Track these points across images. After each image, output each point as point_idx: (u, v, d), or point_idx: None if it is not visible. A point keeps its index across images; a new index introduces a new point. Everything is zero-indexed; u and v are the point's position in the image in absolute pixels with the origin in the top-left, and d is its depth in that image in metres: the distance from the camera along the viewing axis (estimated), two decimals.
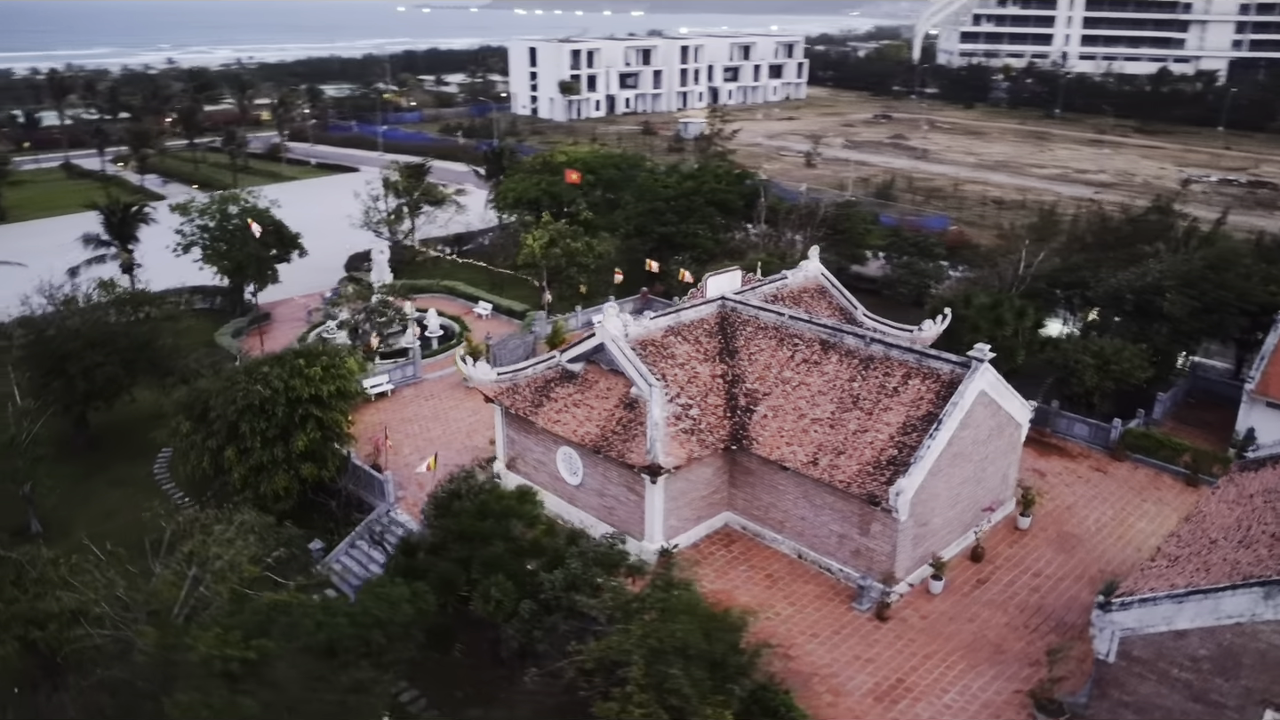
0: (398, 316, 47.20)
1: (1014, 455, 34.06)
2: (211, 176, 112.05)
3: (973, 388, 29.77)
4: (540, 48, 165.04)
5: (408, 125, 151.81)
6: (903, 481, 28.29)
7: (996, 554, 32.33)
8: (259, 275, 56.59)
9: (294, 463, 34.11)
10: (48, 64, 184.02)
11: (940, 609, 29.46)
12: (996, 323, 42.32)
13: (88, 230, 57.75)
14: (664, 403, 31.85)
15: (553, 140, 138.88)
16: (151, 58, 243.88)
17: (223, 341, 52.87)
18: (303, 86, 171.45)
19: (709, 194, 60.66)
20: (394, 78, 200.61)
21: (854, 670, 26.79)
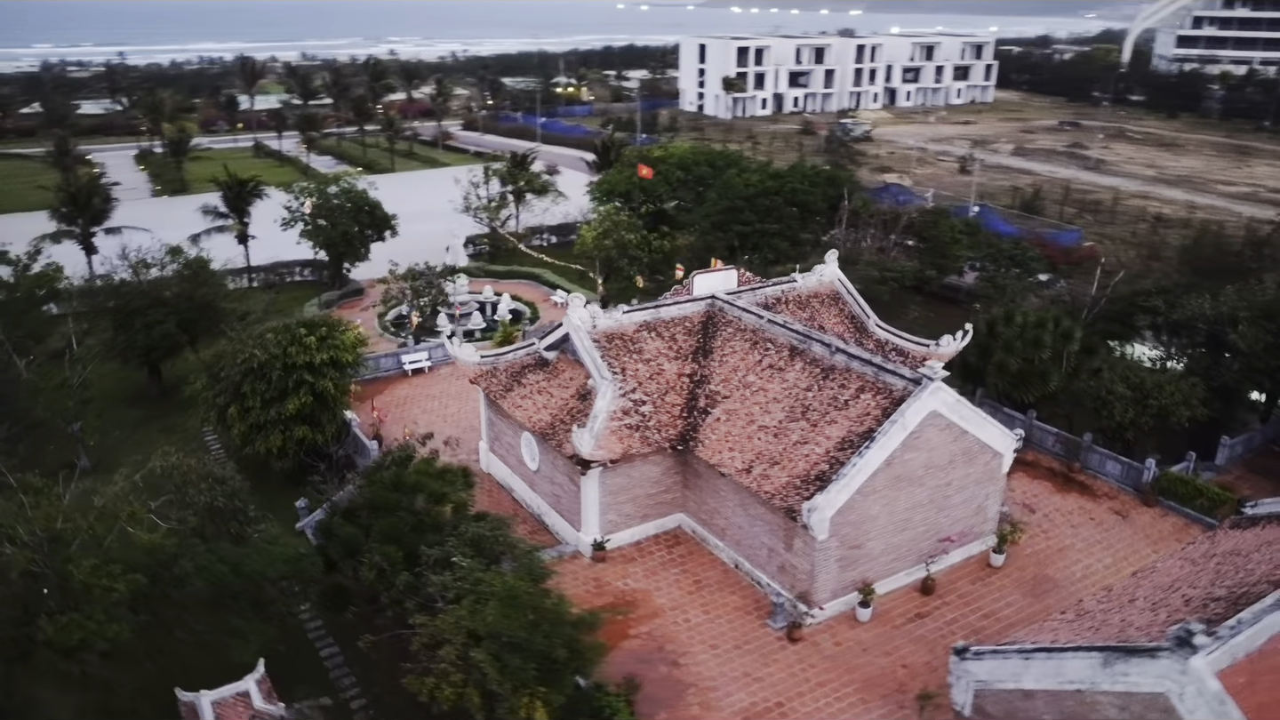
0: (439, 297, 49.05)
1: (993, 486, 31.38)
2: (376, 160, 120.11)
3: (918, 407, 27.74)
4: (709, 44, 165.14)
5: (571, 119, 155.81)
6: (819, 499, 26.82)
7: (953, 589, 29.98)
8: (350, 251, 60.28)
9: (287, 424, 36.37)
10: (280, 53, 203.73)
11: (859, 638, 27.70)
12: (1034, 343, 38.96)
13: (206, 203, 63.40)
14: (613, 396, 31.67)
15: (707, 137, 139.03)
16: (375, 50, 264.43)
17: (308, 312, 56.71)
18: (467, 80, 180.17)
19: (789, 194, 59.01)
20: (574, 73, 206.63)
21: (736, 687, 25.72)
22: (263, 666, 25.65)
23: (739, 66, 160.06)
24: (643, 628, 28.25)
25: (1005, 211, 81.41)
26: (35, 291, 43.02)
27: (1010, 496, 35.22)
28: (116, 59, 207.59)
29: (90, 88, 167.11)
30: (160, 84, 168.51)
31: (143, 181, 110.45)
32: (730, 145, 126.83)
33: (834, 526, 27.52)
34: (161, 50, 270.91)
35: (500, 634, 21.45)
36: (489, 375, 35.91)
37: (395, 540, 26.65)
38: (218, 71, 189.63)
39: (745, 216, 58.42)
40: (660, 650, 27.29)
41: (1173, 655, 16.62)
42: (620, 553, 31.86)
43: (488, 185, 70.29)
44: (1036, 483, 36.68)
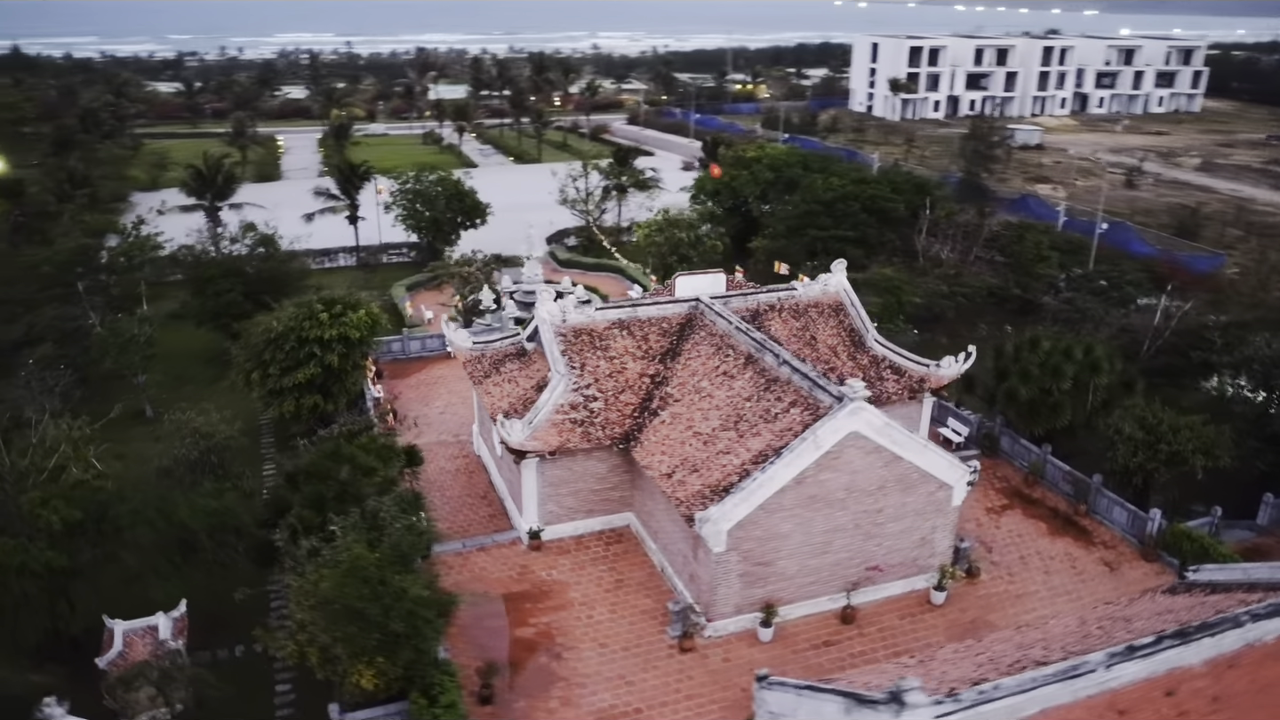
0: (483, 283, 50.89)
1: (941, 519, 29.49)
2: (527, 150, 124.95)
3: (833, 427, 26.59)
4: (881, 43, 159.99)
5: (728, 116, 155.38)
6: (713, 509, 26.31)
7: (877, 622, 28.51)
8: (439, 236, 63.47)
9: (301, 392, 39.20)
10: (490, 46, 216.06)
11: (751, 658, 26.90)
12: (1053, 373, 36.04)
13: (319, 185, 68.49)
14: (563, 390, 32.20)
15: (866, 139, 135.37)
16: (581, 43, 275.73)
17: (394, 293, 60.38)
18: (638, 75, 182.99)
19: (868, 200, 56.93)
20: (753, 70, 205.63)
21: (605, 688, 25.72)
22: (184, 607, 28.19)
23: (911, 67, 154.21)
24: (544, 618, 28.68)
25: (1146, 231, 74.60)
26: (126, 257, 48.20)
27: (993, 533, 33.03)
28: (326, 48, 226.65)
29: (295, 74, 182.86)
30: (350, 73, 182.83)
31: (315, 162, 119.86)
32: (880, 147, 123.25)
33: (735, 540, 26.90)
34: (368, 40, 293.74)
35: (336, 601, 22.61)
36: (475, 361, 37.19)
37: (317, 506, 28.40)
38: (399, 62, 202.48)
39: (821, 221, 56.94)
40: (550, 642, 27.65)
41: (886, 709, 15.51)
42: (558, 544, 32.34)
43: (586, 179, 71.80)
44: (1031, 522, 34.05)
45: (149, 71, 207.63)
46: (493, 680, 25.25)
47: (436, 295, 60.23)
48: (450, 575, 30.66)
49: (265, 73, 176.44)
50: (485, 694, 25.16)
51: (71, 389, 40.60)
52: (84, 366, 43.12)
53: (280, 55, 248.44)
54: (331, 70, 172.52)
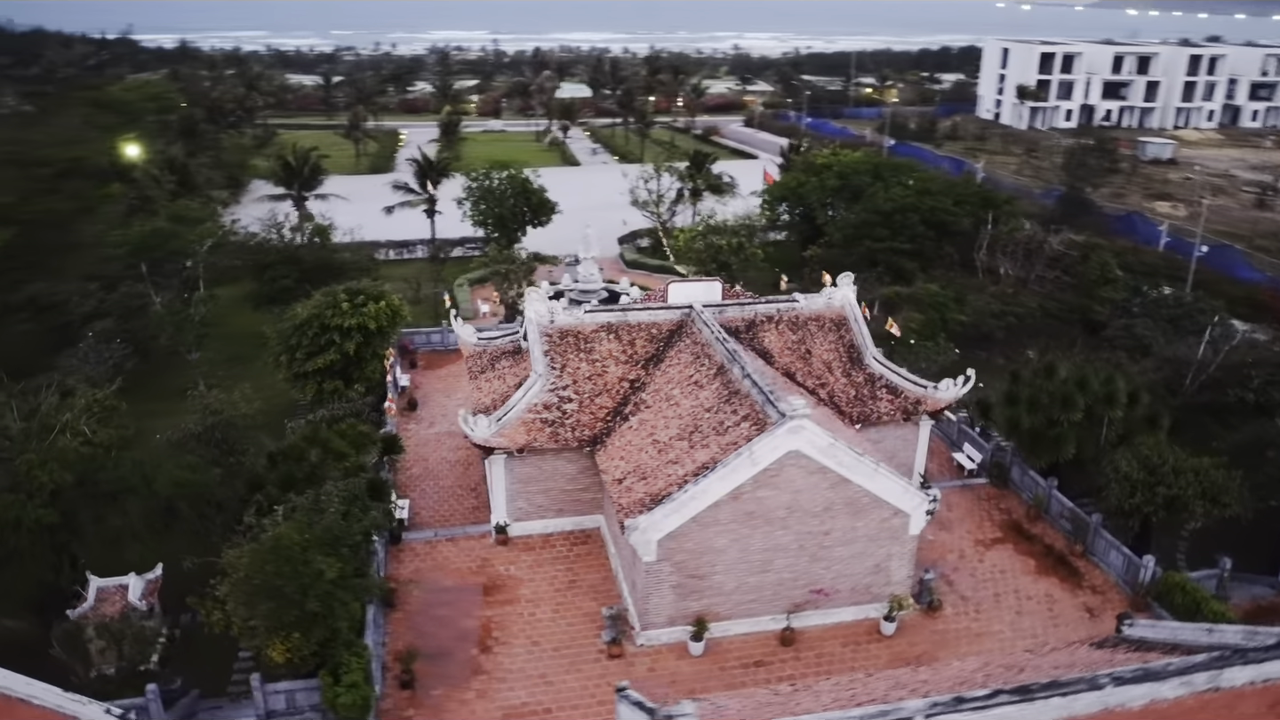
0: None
1: (897, 547, 28.43)
2: (631, 150, 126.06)
3: (771, 444, 26.08)
4: (1011, 48, 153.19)
5: (842, 120, 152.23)
6: (642, 518, 26.29)
7: (818, 647, 27.78)
8: (504, 233, 65.08)
9: (321, 377, 41.17)
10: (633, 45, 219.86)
11: (677, 670, 26.77)
12: (1064, 402, 34.04)
13: (398, 179, 71.24)
14: (538, 390, 32.73)
15: (984, 148, 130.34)
16: (721, 44, 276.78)
17: (458, 286, 62.29)
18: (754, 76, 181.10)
19: (928, 212, 54.98)
20: (880, 74, 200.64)
21: (523, 685, 26.10)
22: (159, 570, 30.20)
23: (1042, 74, 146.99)
24: (489, 612, 29.27)
25: (1257, 256, 69.03)
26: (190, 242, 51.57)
27: (975, 566, 31.59)
28: (474, 45, 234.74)
29: (427, 69, 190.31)
30: (488, 70, 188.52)
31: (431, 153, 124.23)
32: (996, 157, 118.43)
33: (667, 551, 26.80)
34: (517, 38, 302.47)
35: (255, 577, 23.85)
36: (475, 356, 38.17)
37: (286, 486, 29.93)
38: (534, 60, 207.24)
39: (878, 232, 55.40)
40: (486, 635, 28.22)
41: None
42: (524, 541, 32.88)
43: (658, 181, 72.00)
44: (1020, 558, 32.35)
45: (306, 65, 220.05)
46: (412, 666, 26.02)
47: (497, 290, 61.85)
48: (415, 562, 31.81)
49: (400, 69, 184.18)
50: (405, 679, 25.96)
51: (124, 362, 43.86)
52: (143, 342, 46.52)
53: (430, 51, 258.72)
54: (470, 67, 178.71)
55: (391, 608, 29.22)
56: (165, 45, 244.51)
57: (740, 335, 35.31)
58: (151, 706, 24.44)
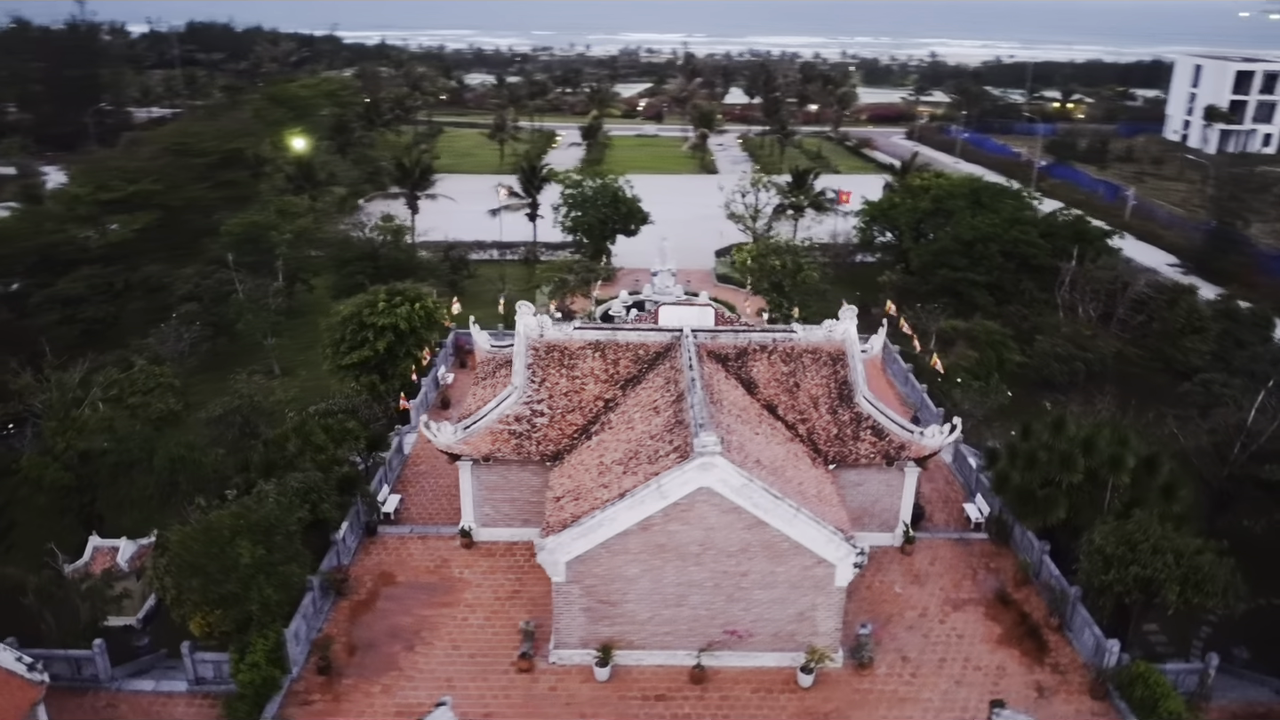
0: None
1: (824, 598, 27.39)
2: (772, 160, 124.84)
3: (680, 479, 25.87)
4: (1205, 65, 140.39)
5: (1003, 137, 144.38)
6: (550, 539, 26.71)
7: (727, 689, 27.24)
8: (593, 240, 66.47)
9: (359, 371, 43.83)
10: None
11: (575, 692, 27.00)
12: (1063, 462, 31.59)
13: (502, 182, 73.92)
14: (512, 402, 33.66)
15: (1160, 173, 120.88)
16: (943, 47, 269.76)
17: (539, 296, 64.01)
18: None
19: (1009, 243, 51.85)
20: (1068, 87, 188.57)
21: (427, 686, 27.07)
22: (154, 536, 33.21)
23: (1237, 93, 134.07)
24: (427, 611, 30.46)
25: None
26: (282, 236, 55.79)
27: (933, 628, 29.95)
28: (665, 48, 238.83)
29: (609, 70, 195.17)
30: (663, 73, 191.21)
31: (574, 158, 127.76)
32: (1168, 184, 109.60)
33: (576, 574, 27.12)
34: (710, 41, 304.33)
35: (183, 555, 26.07)
36: (485, 361, 39.52)
37: (269, 470, 32.38)
38: (713, 64, 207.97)
39: (956, 261, 52.85)
40: (416, 633, 29.43)
41: None
42: (488, 546, 33.87)
43: (756, 195, 71.24)
44: (985, 624, 30.34)
45: (500, 64, 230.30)
46: (329, 654, 27.58)
47: (585, 295, 63.13)
48: (381, 555, 33.50)
49: (569, 71, 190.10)
50: (322, 665, 27.54)
51: (199, 343, 48.23)
52: (225, 326, 50.96)
53: (622, 52, 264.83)
54: (653, 70, 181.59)
55: (342, 596, 30.95)
56: (368, 42, 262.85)
57: (729, 363, 34.92)
58: (98, 659, 27.22)
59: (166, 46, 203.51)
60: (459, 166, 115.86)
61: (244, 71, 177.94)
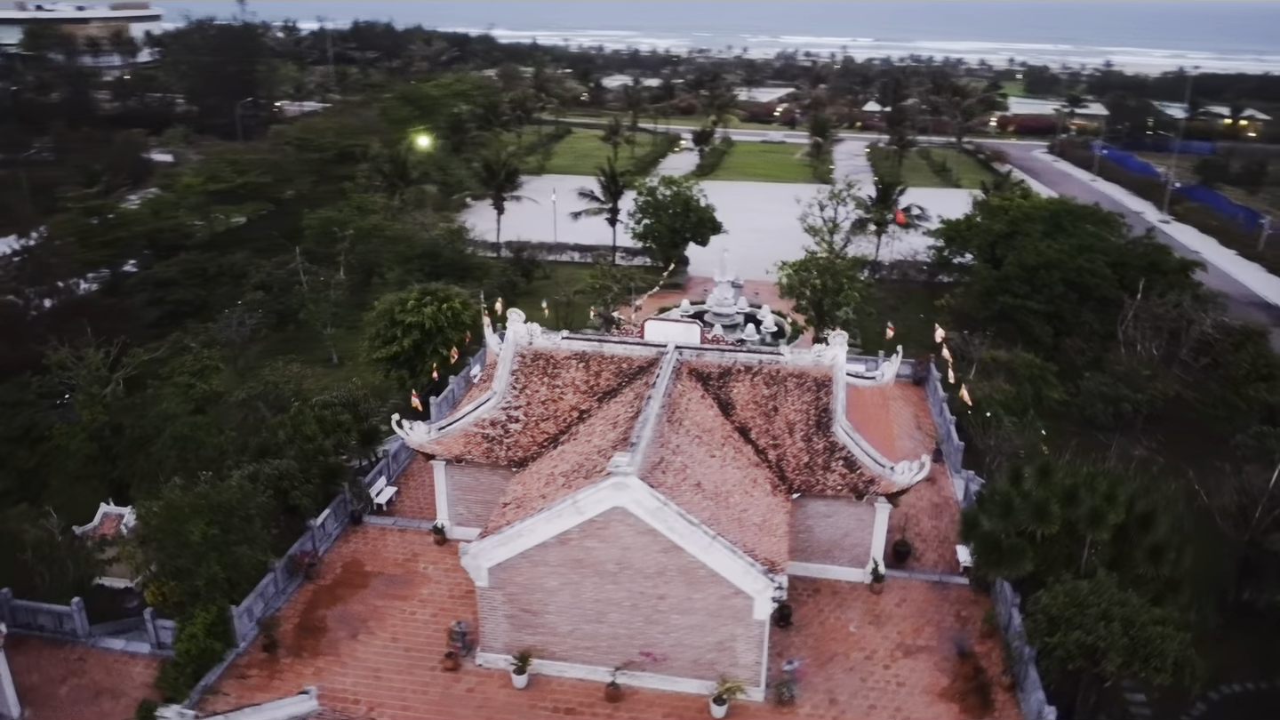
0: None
1: (743, 630, 26.89)
2: (887, 171, 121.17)
3: (596, 497, 26.07)
4: None
5: (1146, 155, 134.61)
6: (473, 545, 27.44)
7: (638, 711, 27.15)
8: (662, 247, 66.75)
9: (388, 365, 45.88)
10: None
11: (490, 697, 27.55)
12: (1037, 513, 29.70)
13: (583, 186, 75.02)
14: (490, 406, 34.62)
15: None
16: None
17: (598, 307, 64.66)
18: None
19: (1073, 271, 48.79)
20: (1233, 103, 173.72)
21: (355, 674, 28.32)
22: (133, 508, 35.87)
23: None
24: (382, 602, 31.77)
25: None
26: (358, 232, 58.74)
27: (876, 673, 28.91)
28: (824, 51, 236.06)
29: (760, 73, 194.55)
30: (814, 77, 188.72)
31: (692, 162, 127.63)
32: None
33: (499, 580, 27.74)
34: (874, 47, 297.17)
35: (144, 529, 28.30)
36: (493, 365, 40.55)
37: (262, 454, 34.58)
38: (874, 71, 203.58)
39: (1017, 288, 50.23)
40: (364, 621, 30.76)
41: None
42: (457, 545, 34.55)
43: (835, 208, 69.53)
44: (934, 674, 28.92)
45: (652, 65, 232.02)
46: (274, 633, 29.24)
47: (656, 301, 63.45)
48: (358, 544, 35.14)
49: (705, 74, 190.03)
50: (268, 643, 29.22)
51: (259, 329, 51.59)
52: (288, 315, 54.30)
53: (779, 56, 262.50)
54: (798, 74, 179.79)
55: (309, 580, 32.67)
56: (524, 42, 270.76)
57: (710, 382, 34.67)
58: (75, 616, 29.85)
59: (329, 44, 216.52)
60: (576, 168, 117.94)
61: (395, 70, 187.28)
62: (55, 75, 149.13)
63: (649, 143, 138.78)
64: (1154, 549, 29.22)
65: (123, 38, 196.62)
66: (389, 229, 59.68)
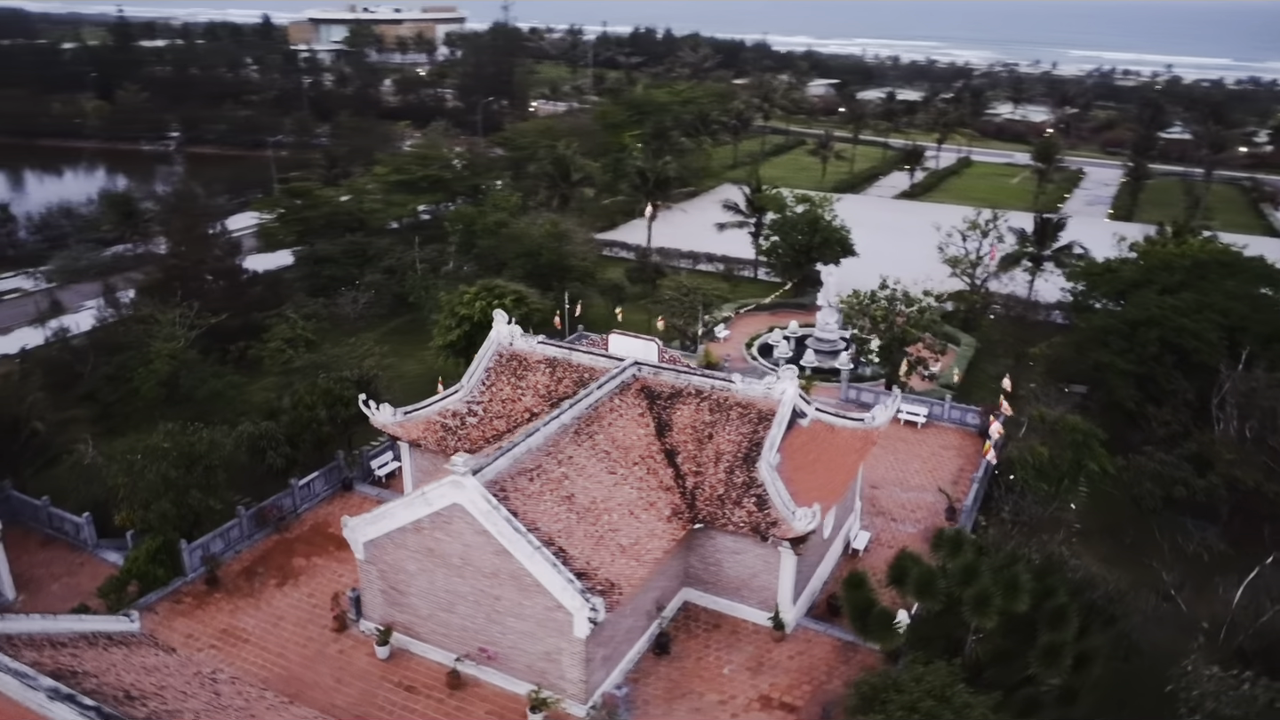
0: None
1: (566, 645, 27.21)
2: (1121, 204, 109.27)
3: (440, 492, 27.59)
4: None
5: None
6: (353, 519, 29.86)
7: (467, 704, 28.35)
8: (787, 266, 65.80)
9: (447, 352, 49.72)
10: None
11: (350, 664, 29.86)
12: (921, 586, 27.26)
13: (728, 198, 74.93)
14: (457, 400, 37.01)
15: None
16: None
17: (722, 309, 64.84)
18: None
19: (1171, 329, 42.72)
20: None
21: (259, 616, 31.90)
22: None
23: None
24: (319, 560, 35.19)
25: None
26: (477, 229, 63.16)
27: (718, 715, 28.25)
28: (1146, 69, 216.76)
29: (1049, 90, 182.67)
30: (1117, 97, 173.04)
31: (906, 181, 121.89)
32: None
33: (372, 556, 30.07)
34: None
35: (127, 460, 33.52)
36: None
37: (271, 415, 39.37)
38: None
39: (1114, 343, 44.95)
40: (298, 574, 34.29)
41: None
42: None
43: (980, 238, 64.60)
44: None
45: (942, 78, 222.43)
46: (216, 570, 33.46)
47: (780, 318, 62.98)
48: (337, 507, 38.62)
49: (982, 87, 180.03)
50: (210, 578, 33.49)
51: (369, 308, 57.37)
52: (401, 298, 59.85)
53: (1092, 73, 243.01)
54: (1109, 94, 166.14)
55: (278, 532, 36.75)
56: (798, 50, 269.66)
57: (657, 401, 34.83)
58: (84, 527, 35.81)
59: (605, 49, 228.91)
60: (787, 180, 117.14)
61: (657, 74, 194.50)
62: (355, 70, 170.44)
63: (879, 157, 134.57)
64: (1050, 650, 25.98)
65: (424, 38, 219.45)
66: (511, 226, 63.63)
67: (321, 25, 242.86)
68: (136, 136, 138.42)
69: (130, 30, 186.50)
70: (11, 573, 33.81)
